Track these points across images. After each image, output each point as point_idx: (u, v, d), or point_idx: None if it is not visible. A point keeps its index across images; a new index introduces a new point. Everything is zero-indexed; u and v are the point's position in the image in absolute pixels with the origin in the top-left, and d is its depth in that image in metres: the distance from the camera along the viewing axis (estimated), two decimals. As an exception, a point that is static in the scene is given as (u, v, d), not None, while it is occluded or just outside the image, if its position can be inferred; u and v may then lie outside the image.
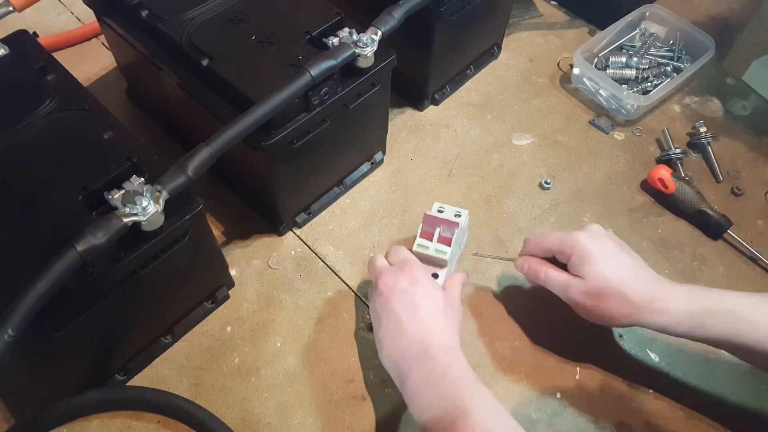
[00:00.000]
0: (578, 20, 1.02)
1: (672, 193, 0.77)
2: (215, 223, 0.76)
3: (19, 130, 0.59)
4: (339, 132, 0.70)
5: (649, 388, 0.65)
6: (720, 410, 0.64)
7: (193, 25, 0.66)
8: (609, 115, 0.89)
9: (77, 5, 1.01)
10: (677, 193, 0.77)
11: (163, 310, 0.64)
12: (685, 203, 0.77)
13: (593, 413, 0.63)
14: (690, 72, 0.88)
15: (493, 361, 0.67)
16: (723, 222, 0.75)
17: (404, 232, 0.76)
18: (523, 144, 0.86)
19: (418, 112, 0.89)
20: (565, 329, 0.69)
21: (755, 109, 0.91)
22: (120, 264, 0.52)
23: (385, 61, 0.67)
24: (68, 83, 0.63)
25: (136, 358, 0.64)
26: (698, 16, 1.03)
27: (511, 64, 0.96)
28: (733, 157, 0.85)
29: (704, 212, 0.76)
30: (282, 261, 0.74)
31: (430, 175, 0.82)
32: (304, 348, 0.67)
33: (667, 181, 0.77)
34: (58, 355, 0.56)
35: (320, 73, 0.59)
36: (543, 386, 0.65)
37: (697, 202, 0.76)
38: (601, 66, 0.92)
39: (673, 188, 0.77)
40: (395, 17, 0.66)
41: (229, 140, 0.55)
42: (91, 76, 0.91)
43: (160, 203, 0.52)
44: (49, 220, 0.53)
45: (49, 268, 0.46)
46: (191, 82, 0.65)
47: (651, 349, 0.68)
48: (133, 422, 0.62)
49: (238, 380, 0.65)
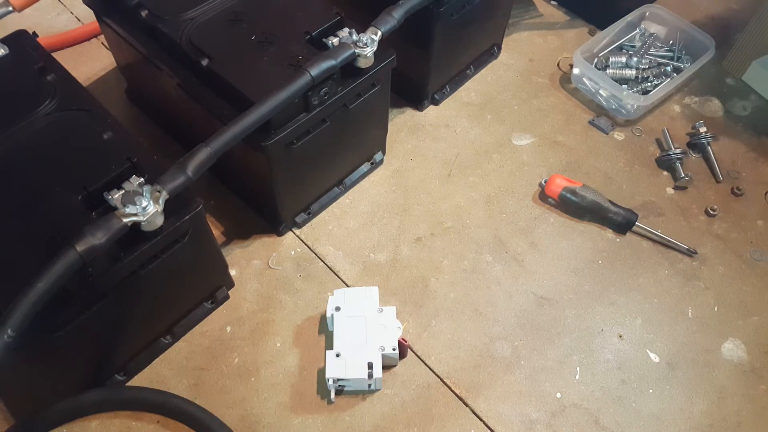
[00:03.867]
0: (578, 20, 1.02)
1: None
2: (215, 223, 0.76)
3: (19, 130, 0.59)
4: (339, 132, 0.70)
5: (650, 388, 0.65)
6: (719, 410, 0.64)
7: (193, 25, 0.66)
8: (609, 115, 0.89)
9: (77, 5, 1.01)
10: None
11: (162, 310, 0.64)
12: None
13: (593, 413, 0.63)
14: (690, 72, 0.88)
15: (493, 360, 0.67)
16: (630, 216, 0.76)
17: (403, 231, 0.76)
18: (523, 144, 0.86)
19: (417, 112, 0.89)
20: (566, 330, 0.69)
21: (755, 109, 0.91)
22: (120, 264, 0.52)
23: (384, 61, 0.67)
24: (68, 83, 0.64)
25: (135, 359, 0.64)
26: (698, 17, 1.03)
27: (511, 64, 0.96)
28: (733, 157, 0.85)
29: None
30: (282, 261, 0.73)
31: (430, 175, 0.82)
32: (304, 348, 0.67)
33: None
34: (57, 355, 0.56)
35: (320, 73, 0.59)
36: (543, 386, 0.65)
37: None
38: (601, 66, 0.92)
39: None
40: (395, 17, 0.66)
41: (229, 140, 0.55)
42: (90, 77, 0.91)
43: (160, 203, 0.52)
44: (48, 220, 0.53)
45: (49, 268, 0.46)
46: (191, 82, 0.65)
47: (651, 349, 0.68)
48: (133, 422, 0.62)
49: (238, 380, 0.65)
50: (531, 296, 0.71)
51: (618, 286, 0.72)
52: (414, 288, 0.71)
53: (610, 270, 0.74)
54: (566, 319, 0.70)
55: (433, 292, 0.71)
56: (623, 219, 0.76)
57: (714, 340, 0.69)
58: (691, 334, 0.69)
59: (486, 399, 0.64)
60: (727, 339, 0.69)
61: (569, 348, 0.68)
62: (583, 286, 0.72)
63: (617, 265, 0.74)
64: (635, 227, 0.76)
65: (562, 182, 0.78)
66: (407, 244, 0.75)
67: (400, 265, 0.73)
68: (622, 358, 0.67)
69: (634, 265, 0.74)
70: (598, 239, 0.77)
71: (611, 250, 0.76)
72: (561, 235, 0.77)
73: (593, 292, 0.72)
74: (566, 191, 0.77)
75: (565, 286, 0.72)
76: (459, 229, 0.77)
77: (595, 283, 0.73)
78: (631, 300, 0.71)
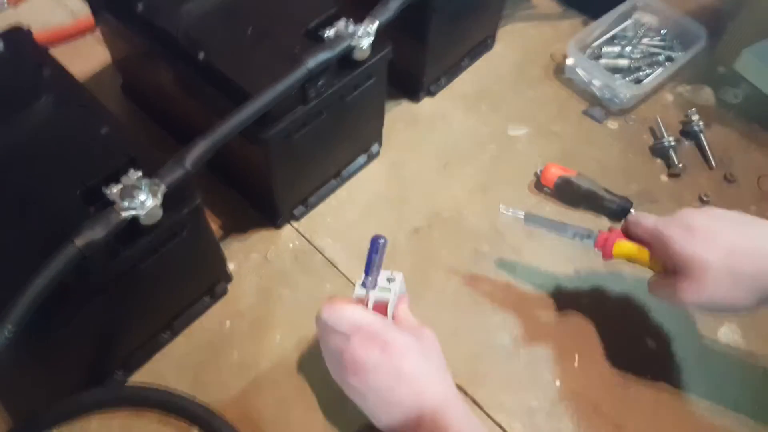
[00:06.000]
0: (571, 11, 1.03)
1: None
2: (213, 217, 0.76)
3: (16, 126, 0.58)
4: (335, 124, 0.70)
5: (648, 375, 0.66)
6: (719, 396, 0.65)
7: (189, 18, 0.66)
8: (603, 105, 0.90)
9: (72, 0, 1.00)
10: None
11: (161, 305, 0.64)
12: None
13: (593, 400, 0.64)
14: (682, 61, 0.89)
15: (493, 350, 0.67)
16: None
17: (401, 223, 0.76)
18: (518, 134, 0.86)
19: (413, 103, 0.89)
20: (564, 317, 0.69)
21: (746, 97, 0.92)
22: (118, 258, 0.52)
23: (380, 53, 0.67)
24: (64, 79, 0.63)
25: (135, 355, 0.64)
26: (690, 6, 1.03)
27: (506, 55, 0.96)
28: (726, 145, 0.86)
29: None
30: (280, 254, 0.74)
31: (427, 166, 0.82)
32: (304, 342, 0.67)
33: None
34: (57, 351, 0.56)
35: (317, 65, 0.59)
36: (542, 374, 0.66)
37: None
38: (594, 56, 0.92)
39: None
40: (391, 9, 0.66)
41: (226, 133, 0.55)
42: (86, 72, 0.90)
43: (159, 197, 0.51)
44: (47, 215, 0.53)
45: (48, 264, 0.46)
46: (187, 76, 0.65)
47: (649, 336, 0.68)
48: (134, 420, 0.62)
49: (238, 375, 0.65)
50: (529, 286, 0.72)
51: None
52: (412, 279, 0.71)
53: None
54: (565, 307, 0.70)
55: (432, 283, 0.72)
56: (618, 207, 0.77)
57: (710, 325, 0.69)
58: (688, 320, 0.70)
59: (487, 388, 0.65)
60: (723, 324, 0.70)
61: (567, 336, 0.68)
62: (580, 274, 0.73)
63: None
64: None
65: (557, 171, 0.78)
66: (405, 235, 0.75)
67: (398, 256, 0.73)
68: (619, 345, 0.68)
69: (630, 252, 0.75)
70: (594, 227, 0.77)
71: (607, 239, 0.76)
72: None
73: (589, 280, 0.72)
74: (561, 180, 0.77)
75: (561, 274, 0.73)
76: (456, 220, 0.77)
77: (591, 271, 0.73)
78: (627, 287, 0.72)
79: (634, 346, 0.68)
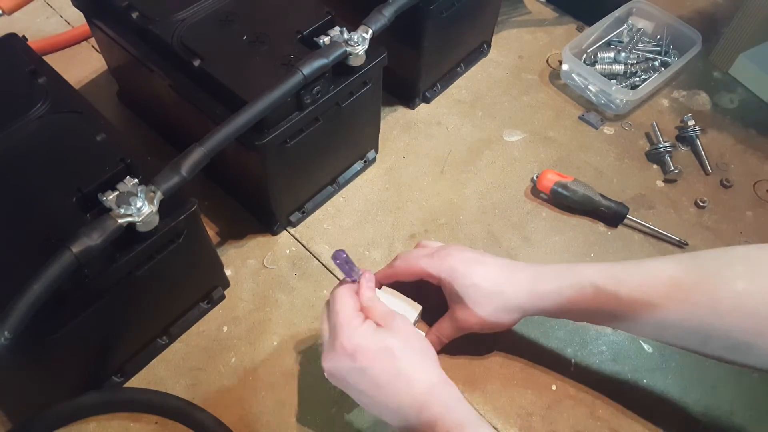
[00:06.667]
0: (566, 17, 1.03)
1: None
2: (210, 223, 0.76)
3: (11, 134, 0.58)
4: (331, 130, 0.70)
5: (644, 379, 0.66)
6: (714, 401, 0.65)
7: (184, 26, 0.66)
8: (598, 110, 0.90)
9: (66, 8, 1.00)
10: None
11: (159, 310, 0.64)
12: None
13: (589, 404, 0.64)
14: (677, 66, 0.89)
15: (490, 354, 0.67)
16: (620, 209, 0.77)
17: (397, 228, 0.77)
18: (513, 140, 0.87)
19: (409, 110, 0.89)
20: (559, 322, 0.69)
21: (742, 102, 0.92)
22: (115, 265, 0.52)
23: (376, 60, 0.68)
24: (59, 86, 0.63)
25: (132, 360, 0.64)
26: (685, 11, 1.04)
27: (501, 61, 0.96)
28: (722, 150, 0.86)
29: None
30: (277, 260, 0.74)
31: (423, 172, 0.82)
32: (301, 346, 0.67)
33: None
34: (54, 357, 0.56)
35: (312, 72, 0.60)
36: (538, 378, 0.66)
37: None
38: (589, 62, 0.93)
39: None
40: (385, 15, 0.66)
41: (222, 140, 0.55)
42: (81, 80, 0.90)
43: (155, 204, 0.52)
44: (43, 222, 0.53)
45: (45, 270, 0.46)
46: (183, 83, 0.65)
47: (644, 341, 0.68)
48: (131, 424, 0.62)
49: (236, 380, 0.65)
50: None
51: (611, 278, 0.73)
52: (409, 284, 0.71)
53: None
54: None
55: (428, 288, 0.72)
56: (614, 212, 0.77)
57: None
58: (684, 325, 0.70)
59: (483, 392, 0.65)
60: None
61: (563, 341, 0.68)
62: (577, 280, 0.73)
63: (609, 257, 0.75)
64: (626, 220, 0.77)
65: (553, 177, 0.78)
66: (401, 241, 0.76)
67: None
68: (615, 350, 0.68)
69: (625, 257, 0.75)
70: (590, 233, 0.77)
71: (603, 243, 0.76)
72: (553, 229, 0.78)
73: (586, 285, 0.73)
74: (558, 186, 0.78)
75: (558, 280, 0.73)
76: (453, 225, 0.77)
77: (588, 276, 0.73)
78: (623, 292, 0.72)
79: (629, 351, 0.68)
